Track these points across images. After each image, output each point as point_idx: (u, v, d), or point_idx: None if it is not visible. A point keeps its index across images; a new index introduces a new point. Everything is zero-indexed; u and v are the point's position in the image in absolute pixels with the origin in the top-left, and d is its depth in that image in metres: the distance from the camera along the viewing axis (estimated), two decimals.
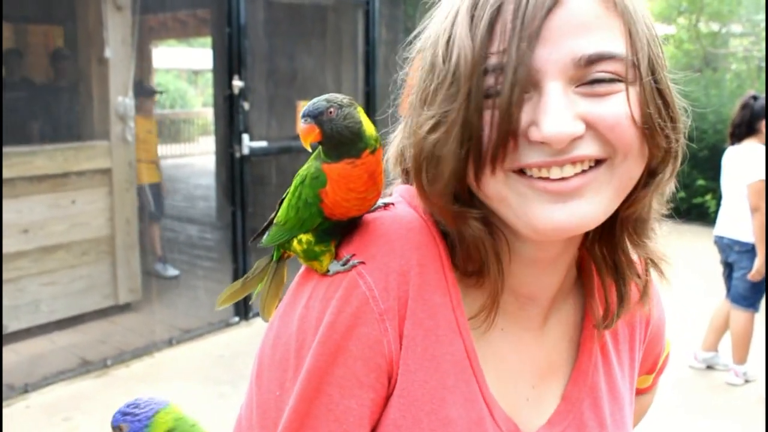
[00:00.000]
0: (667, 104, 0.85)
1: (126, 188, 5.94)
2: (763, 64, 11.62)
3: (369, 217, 0.92)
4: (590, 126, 0.80)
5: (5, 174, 5.09)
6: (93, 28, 5.80)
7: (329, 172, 0.87)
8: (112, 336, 5.65)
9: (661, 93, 0.84)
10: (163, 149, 13.21)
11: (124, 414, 0.99)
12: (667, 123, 0.84)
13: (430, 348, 0.88)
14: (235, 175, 5.96)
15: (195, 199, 9.87)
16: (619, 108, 0.80)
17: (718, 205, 5.30)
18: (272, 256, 1.00)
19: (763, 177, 4.66)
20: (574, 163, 0.81)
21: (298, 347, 0.87)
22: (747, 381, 5.03)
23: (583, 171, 0.82)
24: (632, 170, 0.84)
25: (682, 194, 10.25)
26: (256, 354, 0.95)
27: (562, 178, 0.81)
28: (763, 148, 4.73)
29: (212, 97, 9.82)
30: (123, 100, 5.76)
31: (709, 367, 5.23)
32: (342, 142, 0.86)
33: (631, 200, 0.88)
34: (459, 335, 0.89)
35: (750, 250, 4.83)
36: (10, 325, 5.25)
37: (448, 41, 0.83)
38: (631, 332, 1.09)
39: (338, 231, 0.91)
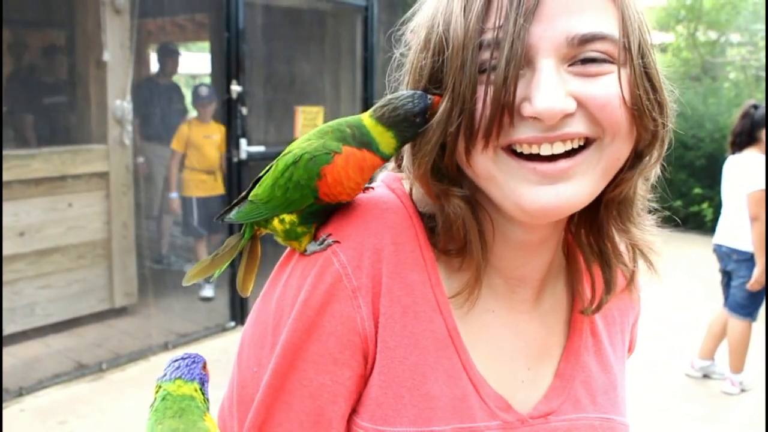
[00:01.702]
0: (655, 88, 0.86)
1: (123, 192, 5.93)
2: (761, 73, 11.66)
3: None
4: (581, 104, 0.81)
5: (2, 177, 5.08)
6: (92, 31, 5.80)
7: (350, 153, 0.88)
8: (107, 340, 5.64)
9: (649, 77, 0.86)
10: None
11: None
12: (655, 106, 0.86)
13: (408, 325, 0.89)
14: (233, 179, 5.96)
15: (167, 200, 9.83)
16: (609, 88, 0.81)
17: (715, 213, 5.31)
18: (243, 233, 1.01)
19: (763, 186, 4.66)
20: (564, 140, 0.82)
21: (275, 324, 0.89)
22: (743, 390, 5.02)
23: (573, 150, 0.83)
24: (620, 151, 0.85)
25: (679, 202, 10.31)
26: (240, 336, 0.97)
27: (552, 158, 0.82)
28: (764, 157, 4.73)
29: None
30: (121, 103, 5.75)
31: (706, 376, 5.22)
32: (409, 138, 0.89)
33: (616, 181, 0.90)
34: (439, 313, 0.90)
35: (749, 259, 4.83)
36: (6, 328, 5.23)
37: (444, 17, 0.84)
38: (621, 316, 1.10)
39: (322, 215, 0.92)
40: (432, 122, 0.85)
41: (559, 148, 0.82)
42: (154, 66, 7.88)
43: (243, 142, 5.82)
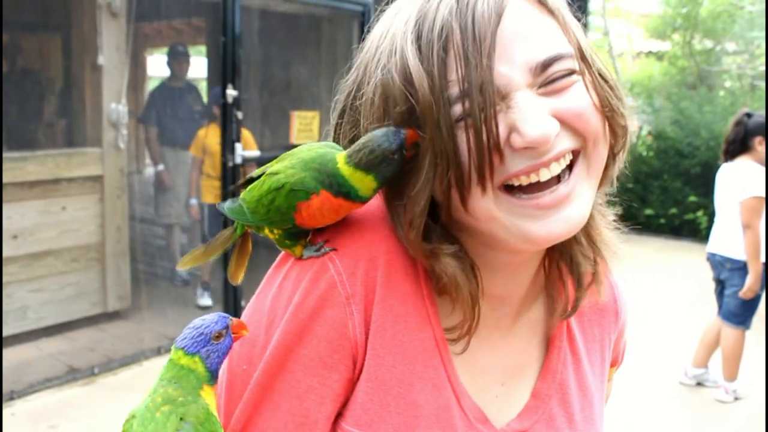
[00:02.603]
0: (611, 86, 0.90)
1: (117, 195, 5.91)
2: (757, 82, 11.70)
3: None
4: (561, 120, 0.83)
5: None
6: (87, 34, 5.79)
7: (326, 199, 0.89)
8: (100, 344, 5.61)
9: (603, 77, 0.89)
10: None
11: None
12: (618, 103, 0.89)
13: (399, 334, 0.90)
14: (228, 184, 5.94)
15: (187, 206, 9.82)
16: (580, 97, 0.85)
17: (710, 221, 5.31)
18: (235, 228, 1.03)
19: (756, 194, 4.67)
20: (557, 160, 0.84)
21: (267, 324, 0.91)
22: (737, 398, 5.01)
23: (567, 167, 0.86)
24: (601, 154, 0.89)
25: (674, 210, 10.34)
26: None
27: (551, 186, 0.84)
28: (757, 165, 4.74)
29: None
30: (116, 107, 5.74)
31: (699, 384, 5.22)
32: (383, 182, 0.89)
33: (601, 184, 0.94)
34: (429, 324, 0.92)
35: (742, 268, 4.83)
36: None
37: (398, 65, 0.84)
38: (602, 333, 1.10)
39: (305, 234, 0.94)
40: (417, 184, 0.85)
41: (556, 169, 0.84)
42: (164, 70, 7.67)
43: (238, 146, 5.80)
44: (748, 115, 4.85)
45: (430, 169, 0.84)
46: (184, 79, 7.14)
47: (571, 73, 0.84)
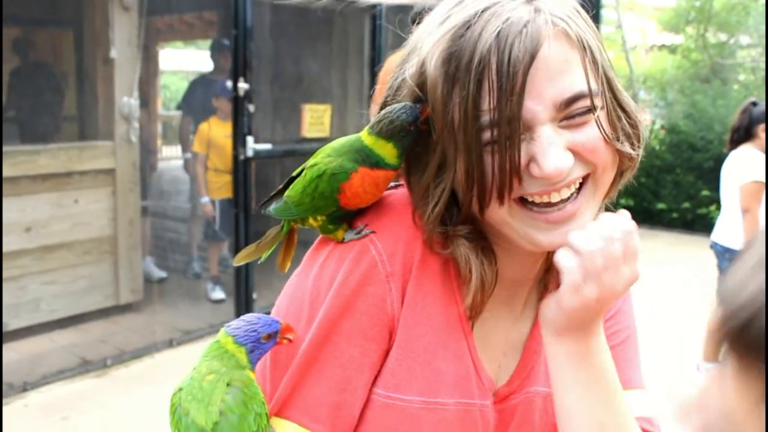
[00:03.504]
0: (627, 114, 0.99)
1: (130, 188, 5.94)
2: None
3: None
4: (575, 152, 0.93)
5: (9, 172, 5.08)
6: (99, 28, 5.81)
7: (365, 173, 0.99)
8: (112, 336, 5.64)
9: (620, 103, 0.99)
10: (168, 151, 13.20)
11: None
12: (630, 130, 0.99)
13: (428, 307, 1.01)
14: (239, 177, 5.95)
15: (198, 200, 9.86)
16: (594, 133, 0.93)
17: None
18: (282, 226, 1.15)
19: (755, 178, 4.68)
20: (568, 185, 0.94)
21: (312, 300, 1.01)
22: None
23: (576, 190, 0.96)
24: (609, 177, 1.00)
25: (686, 204, 10.27)
26: (274, 305, 1.08)
27: (560, 205, 0.94)
28: (759, 152, 4.76)
29: None
30: (128, 100, 5.76)
31: None
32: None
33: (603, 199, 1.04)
34: (454, 300, 1.02)
35: (728, 253, 4.83)
36: (11, 323, 5.24)
37: (437, 96, 0.93)
38: None
39: (348, 217, 1.04)
40: (443, 183, 0.97)
41: (566, 193, 0.95)
42: (177, 64, 7.68)
43: (250, 139, 5.80)
44: (754, 104, 4.87)
45: (461, 179, 0.94)
46: (227, 72, 7.09)
47: (590, 110, 0.92)
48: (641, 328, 1.27)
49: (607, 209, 1.10)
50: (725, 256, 5.00)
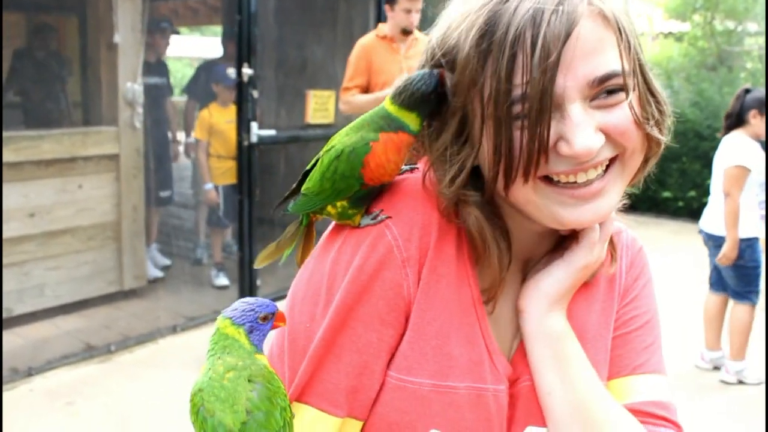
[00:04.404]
0: (657, 100, 1.00)
1: (134, 174, 5.93)
2: None
3: (396, 178, 1.06)
4: (605, 133, 0.93)
5: (12, 157, 5.08)
6: (103, 13, 5.78)
7: (386, 138, 1.00)
8: (116, 322, 5.65)
9: (651, 90, 0.99)
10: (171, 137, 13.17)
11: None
12: (659, 116, 0.99)
13: (441, 291, 1.01)
14: (243, 163, 5.93)
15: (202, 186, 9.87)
16: (625, 115, 0.93)
17: None
18: (301, 221, 1.14)
19: (738, 163, 4.71)
20: (595, 166, 0.94)
21: (329, 285, 1.01)
22: (741, 381, 4.96)
23: (603, 171, 0.96)
24: (637, 162, 1.00)
25: (692, 193, 10.22)
26: (290, 289, 1.08)
27: (586, 183, 0.94)
28: (748, 138, 4.80)
29: None
30: (132, 86, 5.74)
31: (716, 368, 5.17)
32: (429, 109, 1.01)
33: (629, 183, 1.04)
34: (468, 284, 1.02)
35: (722, 245, 4.84)
36: (15, 309, 5.25)
37: (469, 73, 0.93)
38: (609, 285, 1.16)
39: (369, 198, 1.04)
40: (463, 153, 0.98)
41: (592, 174, 0.95)
42: (181, 50, 7.75)
43: (254, 125, 5.78)
44: (747, 91, 4.90)
45: (489, 155, 0.94)
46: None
47: (622, 89, 0.92)
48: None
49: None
50: (709, 243, 5.04)
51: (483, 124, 0.93)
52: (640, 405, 1.10)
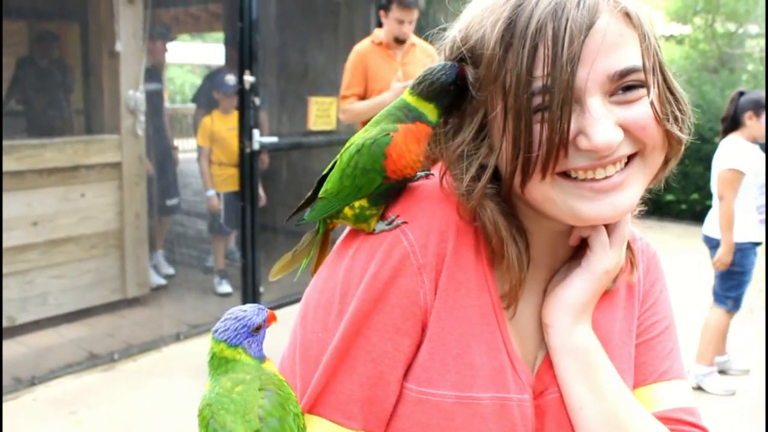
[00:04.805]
0: (677, 99, 0.99)
1: (136, 182, 5.93)
2: None
3: (413, 184, 1.04)
4: (625, 129, 0.92)
5: (15, 166, 5.08)
6: (104, 21, 5.79)
7: (405, 128, 0.99)
8: (119, 330, 5.65)
9: (670, 88, 0.98)
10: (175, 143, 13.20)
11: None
12: (678, 115, 0.98)
13: (460, 299, 0.98)
14: (245, 170, 5.93)
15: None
16: (646, 110, 0.93)
17: None
18: (317, 229, 1.12)
19: (731, 166, 4.68)
20: (614, 162, 0.93)
21: (342, 293, 0.98)
22: (699, 388, 4.87)
23: (623, 168, 0.94)
24: (657, 160, 0.98)
25: (695, 196, 10.20)
26: (303, 298, 1.05)
27: (606, 178, 0.93)
28: (743, 141, 4.76)
29: None
30: (134, 94, 5.74)
31: (722, 371, 5.14)
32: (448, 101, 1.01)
33: (650, 182, 1.02)
34: (487, 291, 1.00)
35: (717, 246, 4.82)
36: (18, 317, 5.25)
37: (493, 64, 0.92)
38: (629, 291, 1.16)
39: (390, 194, 1.02)
40: (481, 154, 0.97)
41: (611, 170, 0.93)
42: (183, 57, 7.75)
43: (256, 132, 5.78)
44: (741, 93, 4.87)
45: (507, 150, 0.93)
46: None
47: (642, 85, 0.92)
48: None
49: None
50: (707, 245, 5.02)
51: (503, 118, 0.92)
52: (668, 412, 1.10)
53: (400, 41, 4.97)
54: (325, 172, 1.06)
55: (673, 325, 1.19)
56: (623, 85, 0.91)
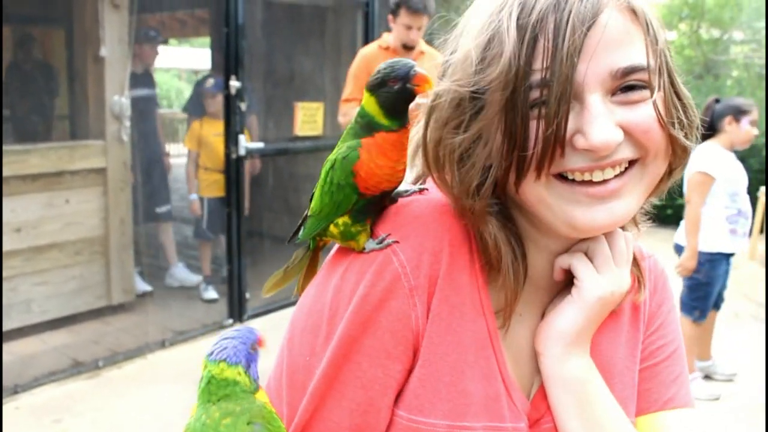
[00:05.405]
0: (684, 104, 0.94)
1: (121, 188, 5.89)
2: (764, 72, 11.59)
3: (405, 200, 0.99)
4: (626, 131, 0.88)
5: None
6: (89, 26, 5.75)
7: (367, 144, 0.94)
8: (104, 337, 5.60)
9: (678, 95, 0.93)
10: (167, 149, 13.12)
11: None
12: (685, 122, 0.93)
13: (453, 323, 0.93)
14: (231, 176, 5.92)
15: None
16: (649, 113, 0.88)
17: None
18: (308, 246, 1.08)
19: (700, 169, 4.66)
20: (613, 166, 0.88)
21: (330, 315, 0.93)
22: None
23: (621, 172, 0.90)
24: (659, 168, 0.93)
25: (681, 201, 10.23)
26: (290, 319, 1.01)
27: (603, 181, 0.89)
28: (718, 147, 4.73)
29: None
30: (119, 99, 5.71)
31: (707, 377, 5.16)
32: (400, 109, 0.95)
33: (651, 193, 0.97)
34: (482, 315, 0.95)
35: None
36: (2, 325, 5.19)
37: (489, 51, 0.88)
38: (634, 312, 1.11)
39: (372, 210, 0.97)
40: (478, 152, 0.91)
41: (609, 174, 0.89)
42: (168, 61, 7.70)
43: (242, 138, 5.77)
44: (717, 101, 4.87)
45: (498, 147, 0.88)
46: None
47: (646, 86, 0.88)
48: None
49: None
50: (680, 254, 4.94)
51: (499, 111, 0.87)
52: None
53: (408, 48, 4.82)
54: (315, 189, 1.03)
55: (681, 349, 1.13)
56: (626, 84, 0.87)
